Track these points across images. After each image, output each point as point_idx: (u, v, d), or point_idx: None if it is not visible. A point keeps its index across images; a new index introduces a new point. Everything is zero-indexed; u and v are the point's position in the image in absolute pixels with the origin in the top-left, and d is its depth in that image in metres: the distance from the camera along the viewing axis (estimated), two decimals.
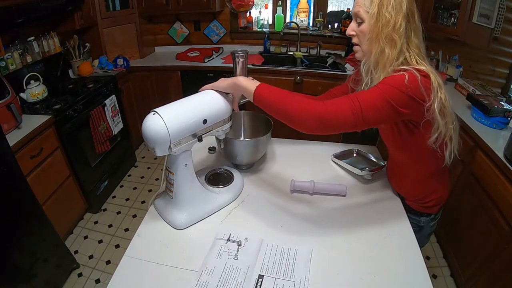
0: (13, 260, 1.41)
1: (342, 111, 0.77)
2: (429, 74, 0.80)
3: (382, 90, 0.78)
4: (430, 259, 1.97)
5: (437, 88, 0.81)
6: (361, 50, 0.91)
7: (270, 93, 0.84)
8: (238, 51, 1.02)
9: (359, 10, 0.85)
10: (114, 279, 0.80)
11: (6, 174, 1.36)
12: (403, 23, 0.80)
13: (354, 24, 0.89)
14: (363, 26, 0.85)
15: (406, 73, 0.77)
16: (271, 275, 0.80)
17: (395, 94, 0.77)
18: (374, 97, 0.78)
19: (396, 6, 0.80)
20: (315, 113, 0.77)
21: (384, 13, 0.80)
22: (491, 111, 1.71)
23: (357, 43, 0.90)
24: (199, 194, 0.98)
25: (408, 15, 0.81)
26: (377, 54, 0.84)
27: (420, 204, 1.06)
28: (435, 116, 0.81)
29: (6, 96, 1.65)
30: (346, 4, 3.16)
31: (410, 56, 0.83)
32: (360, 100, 0.77)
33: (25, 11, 1.82)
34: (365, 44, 0.87)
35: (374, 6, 0.81)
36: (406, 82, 0.76)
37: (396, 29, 0.80)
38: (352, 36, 0.91)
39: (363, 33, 0.86)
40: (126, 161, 2.77)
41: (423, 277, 0.81)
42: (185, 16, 3.15)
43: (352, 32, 0.90)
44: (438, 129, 0.84)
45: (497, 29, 2.10)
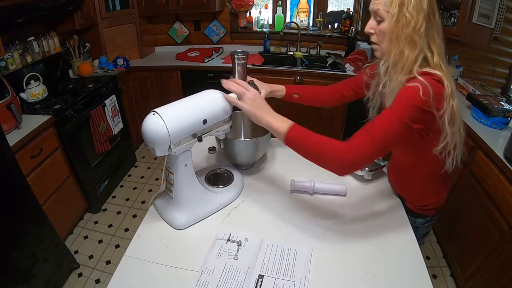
0: (13, 260, 1.41)
1: (366, 151, 0.78)
2: (443, 80, 0.78)
3: (398, 114, 0.77)
4: (430, 259, 1.97)
5: (450, 96, 0.79)
6: (380, 49, 0.89)
7: (301, 141, 0.83)
8: (238, 52, 1.02)
9: (379, 8, 0.83)
10: (114, 279, 0.80)
11: (6, 174, 1.36)
12: (424, 23, 0.78)
13: (374, 22, 0.87)
14: (383, 25, 0.84)
15: (419, 85, 0.76)
16: (271, 275, 0.80)
17: (410, 112, 0.77)
18: (391, 124, 0.78)
19: (417, 5, 0.78)
20: (344, 163, 0.80)
21: (405, 13, 0.78)
22: (491, 111, 1.71)
23: (376, 42, 0.88)
24: (199, 194, 0.98)
25: (429, 14, 0.79)
26: (396, 55, 0.82)
27: (418, 206, 1.06)
28: (444, 125, 0.81)
29: (6, 96, 1.65)
30: (346, 4, 3.16)
31: (433, 55, 0.81)
32: (378, 133, 0.78)
33: (25, 11, 1.82)
34: (385, 44, 0.85)
35: (394, 6, 0.79)
36: (421, 95, 0.75)
37: (416, 29, 0.79)
38: (371, 35, 0.89)
39: (383, 33, 0.84)
40: (126, 161, 2.77)
41: (423, 277, 0.81)
42: (185, 16, 3.16)
43: (371, 30, 0.88)
44: (446, 138, 0.83)
45: (497, 29, 2.10)
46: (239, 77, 1.04)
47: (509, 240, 1.35)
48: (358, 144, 0.79)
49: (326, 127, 2.80)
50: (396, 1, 0.78)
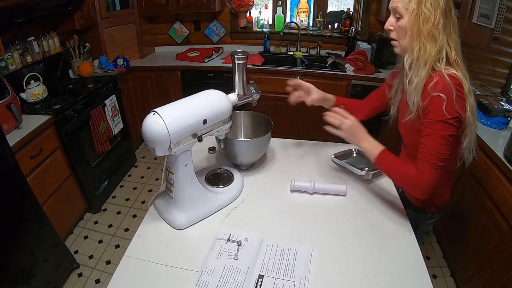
0: (13, 260, 1.41)
1: (434, 175, 0.87)
2: (462, 81, 0.83)
3: (438, 133, 0.85)
4: (430, 259, 1.97)
5: (468, 95, 0.85)
6: (399, 46, 0.92)
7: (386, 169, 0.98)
8: (238, 52, 1.02)
9: (397, 5, 0.87)
10: (114, 279, 0.80)
11: (6, 174, 1.36)
12: (441, 20, 0.83)
13: (393, 19, 0.90)
14: (402, 22, 0.87)
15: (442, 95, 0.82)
16: (271, 275, 0.80)
17: (446, 127, 0.84)
18: (437, 143, 0.85)
19: (434, 2, 0.82)
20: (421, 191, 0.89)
21: (423, 9, 0.82)
22: (491, 111, 1.72)
23: (396, 38, 0.92)
24: (199, 194, 0.98)
25: (446, 11, 0.83)
26: (419, 51, 0.86)
27: (421, 201, 1.07)
28: (469, 123, 0.87)
29: (6, 96, 1.65)
30: (346, 4, 3.16)
31: (451, 51, 0.85)
32: (435, 158, 0.86)
33: (25, 11, 1.82)
34: (405, 40, 0.89)
35: (413, 3, 0.83)
36: (444, 109, 0.82)
37: (435, 25, 0.83)
38: (390, 31, 0.92)
39: (402, 29, 0.88)
40: (126, 161, 2.77)
41: (423, 277, 0.81)
42: (185, 16, 3.16)
43: (390, 27, 0.91)
44: (468, 135, 0.90)
45: (497, 29, 2.10)
46: (239, 77, 1.04)
47: (509, 240, 1.35)
48: (425, 174, 0.87)
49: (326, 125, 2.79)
50: None
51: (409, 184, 0.93)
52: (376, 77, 2.56)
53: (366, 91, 2.66)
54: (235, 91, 1.06)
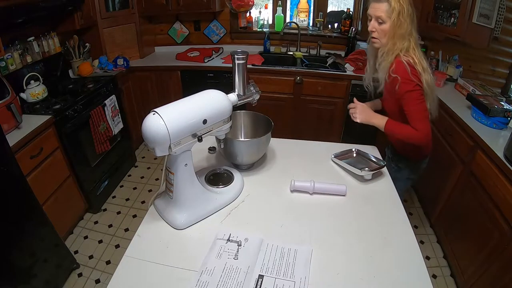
0: (13, 260, 1.41)
1: (426, 126, 1.19)
2: (415, 62, 1.18)
3: (412, 98, 1.19)
4: (430, 259, 1.97)
5: (422, 73, 1.18)
6: (379, 42, 1.25)
7: (393, 133, 1.28)
8: (238, 52, 1.02)
9: (381, 14, 1.18)
10: (114, 279, 0.80)
11: (6, 174, 1.36)
12: (410, 25, 1.18)
13: (376, 23, 1.22)
14: (384, 26, 1.20)
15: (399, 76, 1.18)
16: (271, 275, 0.80)
17: (414, 93, 1.18)
18: (416, 104, 1.19)
19: (407, 12, 1.16)
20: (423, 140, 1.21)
21: (401, 18, 1.16)
22: (491, 111, 1.71)
23: (377, 37, 1.24)
24: (199, 194, 0.98)
25: (412, 18, 1.18)
26: (393, 46, 1.20)
27: (406, 148, 1.42)
28: (425, 92, 1.21)
29: (6, 96, 1.65)
30: (346, 4, 3.16)
31: (410, 44, 1.20)
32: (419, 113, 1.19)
33: (25, 11, 1.82)
34: (384, 39, 1.22)
35: (395, 14, 1.16)
36: (405, 82, 1.18)
37: (407, 29, 1.18)
38: (373, 32, 1.24)
39: (383, 31, 1.21)
40: (126, 161, 2.77)
41: (423, 277, 0.81)
42: (185, 16, 3.16)
43: (373, 29, 1.23)
44: (428, 102, 1.23)
45: (497, 29, 2.10)
46: (239, 77, 1.04)
47: (509, 240, 1.35)
48: (422, 129, 1.19)
49: (326, 126, 2.80)
50: (396, 10, 1.15)
51: (415, 140, 1.22)
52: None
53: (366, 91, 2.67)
54: (235, 91, 1.06)
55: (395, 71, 1.19)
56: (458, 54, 2.51)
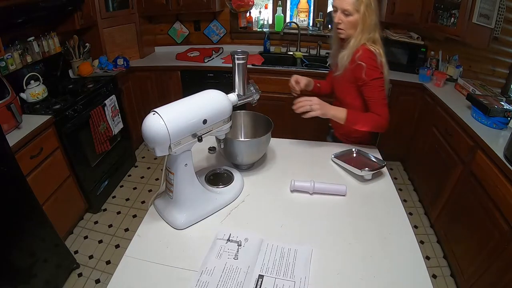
0: (13, 260, 1.41)
1: (387, 112, 1.26)
2: (377, 53, 1.24)
3: (376, 85, 1.25)
4: (430, 259, 1.97)
5: (383, 65, 1.26)
6: (345, 33, 1.28)
7: (354, 123, 1.29)
8: (238, 52, 1.02)
9: (348, 7, 1.21)
10: (114, 279, 0.80)
11: (6, 174, 1.36)
12: (374, 16, 1.23)
13: (342, 15, 1.24)
14: (351, 18, 1.22)
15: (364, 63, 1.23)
16: (271, 275, 0.80)
17: (378, 80, 1.25)
18: (378, 91, 1.26)
19: (373, 5, 1.22)
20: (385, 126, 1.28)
21: (368, 10, 1.20)
22: (491, 111, 1.71)
23: (343, 28, 1.27)
24: (199, 194, 0.98)
25: (376, 10, 1.23)
26: (360, 37, 1.24)
27: (345, 137, 1.47)
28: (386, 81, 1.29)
29: (6, 96, 1.65)
30: None
31: (375, 35, 1.26)
32: (380, 99, 1.26)
33: (25, 11, 1.82)
34: (350, 30, 1.26)
35: (363, 7, 1.20)
36: (372, 71, 1.24)
37: (373, 21, 1.23)
38: (339, 24, 1.26)
39: (350, 23, 1.24)
40: (126, 161, 2.77)
41: (423, 277, 0.81)
42: (185, 16, 3.16)
43: (339, 21, 1.26)
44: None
45: (497, 29, 2.10)
46: (239, 77, 1.04)
47: (509, 240, 1.35)
48: (384, 114, 1.26)
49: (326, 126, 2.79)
50: (364, 3, 1.19)
51: (377, 127, 1.28)
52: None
53: None
54: (235, 91, 1.06)
55: (362, 58, 1.22)
56: (458, 54, 2.51)
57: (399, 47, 2.66)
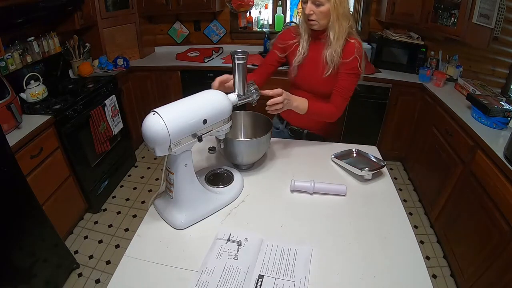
0: (13, 260, 1.41)
1: (344, 106, 1.30)
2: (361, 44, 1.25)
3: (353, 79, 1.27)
4: (430, 259, 1.97)
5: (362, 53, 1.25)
6: (318, 24, 1.22)
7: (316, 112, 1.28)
8: (238, 52, 1.01)
9: None
10: (114, 279, 0.80)
11: (6, 174, 1.36)
12: (347, 4, 1.21)
13: (313, 6, 1.19)
14: (323, 8, 1.18)
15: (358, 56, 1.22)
16: (271, 275, 0.80)
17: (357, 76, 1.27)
18: (351, 84, 1.28)
19: None
20: (335, 118, 1.32)
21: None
22: (491, 111, 1.72)
23: (315, 19, 1.21)
24: (199, 194, 0.98)
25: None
26: (339, 27, 1.20)
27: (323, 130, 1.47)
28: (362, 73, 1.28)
29: (6, 96, 1.65)
30: None
31: (352, 24, 1.24)
32: (346, 92, 1.28)
33: (25, 11, 1.82)
34: (323, 20, 1.21)
35: None
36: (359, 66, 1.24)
37: (347, 9, 1.20)
38: (310, 15, 1.20)
39: (322, 13, 1.19)
40: (126, 161, 2.77)
41: (423, 277, 0.81)
42: (185, 16, 3.16)
43: (311, 12, 1.19)
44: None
45: (497, 29, 2.10)
46: (239, 77, 1.04)
47: (509, 240, 1.35)
48: (341, 107, 1.29)
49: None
50: None
51: (330, 118, 1.31)
52: (376, 77, 2.57)
53: (367, 91, 2.68)
54: (235, 91, 1.06)
55: (357, 51, 1.22)
56: (458, 54, 2.52)
57: (399, 47, 2.66)
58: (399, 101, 2.60)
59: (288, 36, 1.37)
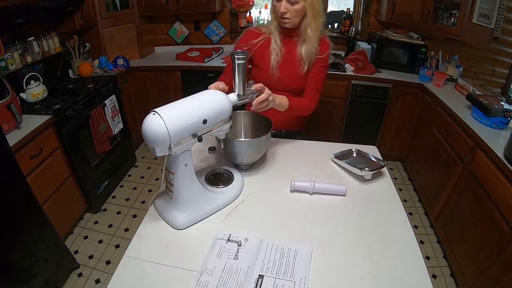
0: (13, 260, 1.41)
1: (318, 99, 1.35)
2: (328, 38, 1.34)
3: (324, 71, 1.35)
4: (430, 259, 1.97)
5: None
6: (291, 22, 1.23)
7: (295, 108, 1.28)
8: (238, 52, 1.01)
9: None
10: (114, 279, 0.80)
11: (6, 174, 1.36)
12: (321, 3, 1.23)
13: (287, 4, 1.18)
14: (297, 6, 1.18)
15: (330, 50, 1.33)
16: (271, 275, 0.80)
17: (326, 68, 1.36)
18: (323, 77, 1.35)
19: None
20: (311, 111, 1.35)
21: None
22: (491, 111, 1.72)
23: (289, 17, 1.21)
24: (199, 194, 0.98)
25: None
26: (314, 24, 1.23)
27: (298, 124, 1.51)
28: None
29: (6, 96, 1.65)
30: (346, 4, 3.16)
31: (324, 20, 1.28)
32: (320, 84, 1.34)
33: (25, 11, 1.82)
34: (296, 18, 1.22)
35: None
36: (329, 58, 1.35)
37: (320, 7, 1.23)
38: (285, 13, 1.20)
39: (296, 11, 1.20)
40: (126, 161, 2.77)
41: (423, 277, 0.81)
42: (185, 16, 3.16)
43: (285, 10, 1.19)
44: None
45: (497, 29, 2.10)
46: (239, 77, 1.04)
47: (509, 240, 1.35)
48: (315, 100, 1.34)
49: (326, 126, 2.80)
50: None
51: (308, 111, 1.34)
52: (376, 77, 2.57)
53: (367, 91, 2.68)
54: (235, 91, 1.06)
55: (326, 49, 1.31)
56: (458, 54, 2.52)
57: (399, 47, 2.66)
58: (399, 101, 2.60)
59: (252, 36, 1.34)
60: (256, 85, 1.09)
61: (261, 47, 1.33)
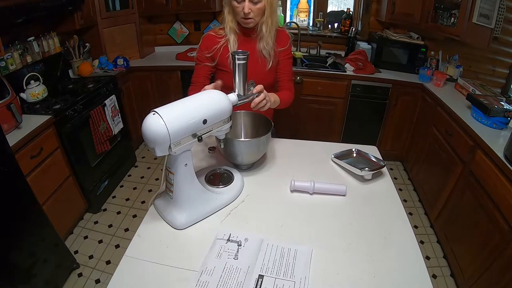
0: (13, 260, 1.41)
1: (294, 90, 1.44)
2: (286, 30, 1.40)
3: (291, 61, 1.41)
4: (430, 259, 1.97)
5: None
6: (255, 21, 1.25)
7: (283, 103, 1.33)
8: (238, 52, 1.02)
9: None
10: (114, 279, 0.80)
11: (6, 174, 1.36)
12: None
13: (250, 4, 1.19)
14: (260, 5, 1.20)
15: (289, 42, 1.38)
16: (271, 275, 0.80)
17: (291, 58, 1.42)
18: (291, 67, 1.42)
19: None
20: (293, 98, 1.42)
21: None
22: (491, 111, 1.72)
23: (252, 17, 1.22)
24: (199, 194, 0.98)
25: None
26: (272, 21, 1.26)
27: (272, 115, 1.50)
28: None
29: (6, 96, 1.65)
30: (346, 4, 3.16)
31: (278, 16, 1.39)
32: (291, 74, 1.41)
33: (25, 11, 1.82)
34: (258, 17, 1.24)
35: None
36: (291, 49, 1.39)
37: (278, 3, 1.32)
38: (249, 14, 1.21)
39: (260, 10, 1.22)
40: (126, 161, 2.77)
41: (423, 277, 0.81)
42: (185, 16, 3.16)
43: (249, 10, 1.20)
44: None
45: (497, 29, 2.10)
46: (239, 77, 1.04)
47: (509, 240, 1.35)
48: (293, 90, 1.43)
49: (326, 126, 2.80)
50: None
51: (290, 102, 1.39)
52: (376, 77, 2.57)
53: (367, 91, 2.68)
54: (235, 91, 1.06)
55: (287, 41, 1.35)
56: (458, 54, 2.52)
57: (399, 47, 2.66)
58: (399, 101, 2.60)
59: (212, 41, 1.33)
60: (257, 86, 1.10)
61: (224, 51, 1.32)
